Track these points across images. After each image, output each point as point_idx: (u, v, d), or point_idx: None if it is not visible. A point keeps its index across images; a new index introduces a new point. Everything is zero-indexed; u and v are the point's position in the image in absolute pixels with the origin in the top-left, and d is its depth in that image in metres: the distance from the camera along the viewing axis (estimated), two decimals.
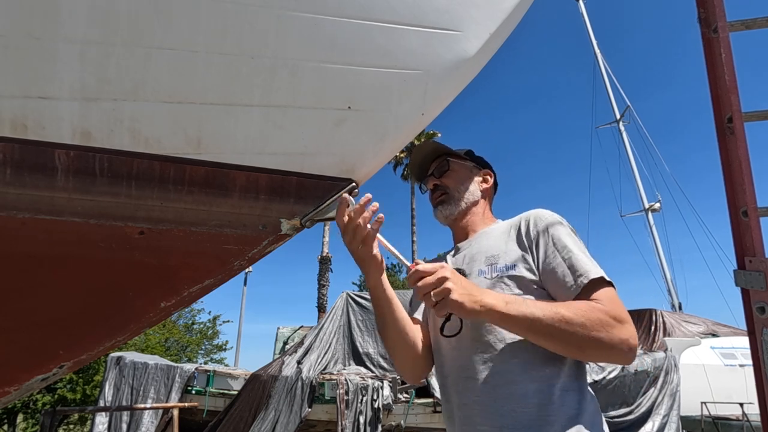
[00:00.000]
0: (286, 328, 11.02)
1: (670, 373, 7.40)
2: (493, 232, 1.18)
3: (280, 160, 0.84)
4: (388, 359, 7.49)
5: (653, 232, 16.51)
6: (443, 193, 1.26)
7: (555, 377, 0.98)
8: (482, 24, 0.87)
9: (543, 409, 0.94)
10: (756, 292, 1.13)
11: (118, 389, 7.22)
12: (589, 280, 0.95)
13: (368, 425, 6.36)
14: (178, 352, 18.79)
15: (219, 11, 0.75)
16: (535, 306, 0.92)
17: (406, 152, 23.27)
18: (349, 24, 0.80)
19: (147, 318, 0.88)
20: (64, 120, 0.74)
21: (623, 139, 17.97)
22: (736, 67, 1.23)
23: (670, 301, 15.19)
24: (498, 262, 1.08)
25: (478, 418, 0.99)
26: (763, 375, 1.11)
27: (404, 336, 1.12)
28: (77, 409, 11.51)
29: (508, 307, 0.90)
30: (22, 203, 0.74)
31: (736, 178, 1.20)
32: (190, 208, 0.82)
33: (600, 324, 0.90)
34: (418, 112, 0.88)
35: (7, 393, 0.84)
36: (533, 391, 0.96)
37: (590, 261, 0.99)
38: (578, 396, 0.98)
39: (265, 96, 0.80)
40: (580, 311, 0.91)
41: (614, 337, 0.90)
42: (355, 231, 0.94)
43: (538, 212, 1.11)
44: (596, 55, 19.07)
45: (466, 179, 1.27)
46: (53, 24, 0.71)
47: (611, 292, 0.96)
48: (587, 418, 0.95)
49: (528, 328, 0.91)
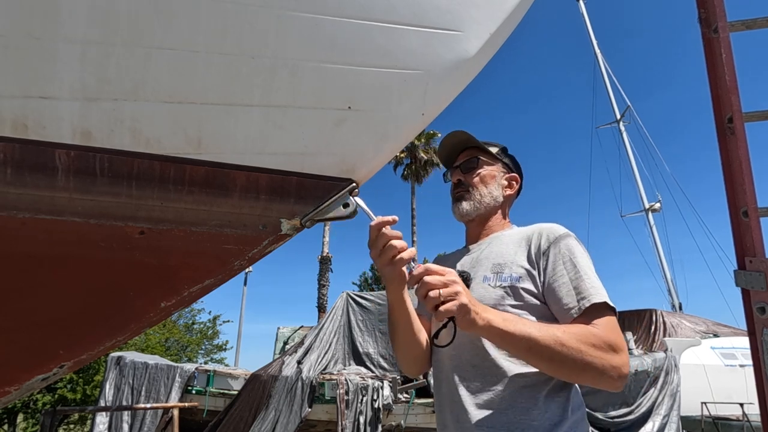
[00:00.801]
0: (286, 328, 11.02)
1: (671, 374, 7.40)
2: (505, 238, 1.17)
3: (281, 160, 0.84)
4: (389, 359, 7.50)
5: (653, 232, 16.51)
6: (465, 190, 1.24)
7: (542, 384, 0.99)
8: (483, 24, 0.87)
9: (527, 414, 0.95)
10: (756, 292, 1.13)
11: (118, 389, 7.23)
12: (591, 304, 0.95)
13: (368, 425, 6.36)
14: (178, 352, 18.79)
15: (219, 11, 0.75)
16: (532, 326, 0.92)
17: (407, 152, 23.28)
18: (350, 24, 0.80)
19: (147, 318, 0.88)
20: (64, 120, 0.74)
21: (623, 139, 17.98)
22: (736, 67, 1.23)
23: (670, 301, 15.20)
24: (504, 271, 1.07)
25: (465, 416, 1.01)
26: (763, 375, 1.11)
27: (411, 337, 1.12)
28: (77, 409, 11.52)
29: (505, 324, 0.90)
30: (22, 203, 0.74)
31: (736, 178, 1.20)
32: (190, 208, 0.82)
33: (594, 349, 0.90)
34: (418, 112, 0.88)
35: (7, 393, 0.84)
36: (520, 397, 0.97)
37: (596, 283, 0.99)
38: (564, 404, 0.98)
39: (266, 96, 0.80)
40: (575, 335, 0.91)
41: (606, 364, 0.90)
42: (385, 249, 0.92)
43: (552, 227, 1.10)
44: (596, 55, 19.08)
45: (491, 181, 1.24)
46: (53, 24, 0.71)
47: (611, 320, 0.96)
48: (570, 426, 0.96)
49: (523, 347, 0.91)
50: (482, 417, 0.98)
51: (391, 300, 1.05)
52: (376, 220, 0.91)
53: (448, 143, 1.30)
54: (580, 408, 1.01)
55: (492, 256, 1.13)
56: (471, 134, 1.26)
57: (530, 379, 0.98)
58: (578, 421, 0.99)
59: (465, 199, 1.23)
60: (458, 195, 1.25)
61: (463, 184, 1.25)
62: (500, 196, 1.25)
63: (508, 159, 1.30)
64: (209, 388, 7.12)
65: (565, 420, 0.96)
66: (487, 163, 1.26)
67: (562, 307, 0.99)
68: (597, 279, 1.00)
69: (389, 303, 1.07)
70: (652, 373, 7.29)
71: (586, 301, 0.96)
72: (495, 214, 1.25)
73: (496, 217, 1.25)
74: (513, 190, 1.28)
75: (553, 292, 1.01)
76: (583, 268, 1.00)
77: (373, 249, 0.93)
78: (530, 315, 1.01)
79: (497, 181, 1.25)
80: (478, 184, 1.23)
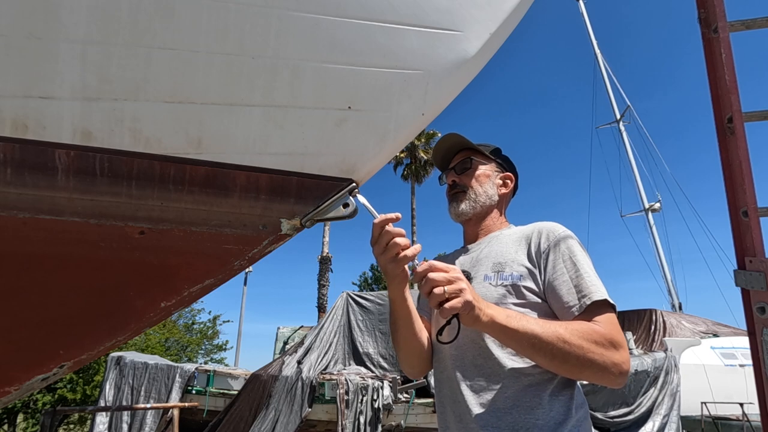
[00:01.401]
0: (286, 328, 11.01)
1: (671, 373, 7.40)
2: (504, 237, 1.17)
3: (281, 160, 0.84)
4: (389, 359, 7.50)
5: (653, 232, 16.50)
6: (461, 191, 1.25)
7: (546, 383, 0.99)
8: (483, 24, 0.87)
9: (531, 413, 0.96)
10: (756, 292, 1.13)
11: (118, 389, 7.22)
12: (592, 301, 0.96)
13: (368, 425, 6.36)
14: (178, 352, 18.79)
15: (220, 11, 0.75)
16: (535, 323, 0.93)
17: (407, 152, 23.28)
18: (350, 24, 0.80)
19: (147, 318, 0.88)
20: (64, 120, 0.74)
21: (623, 139, 17.97)
22: (736, 67, 1.23)
23: (670, 301, 15.19)
24: (504, 270, 1.08)
25: (468, 416, 1.01)
26: (763, 375, 1.11)
27: (412, 336, 1.13)
28: (77, 409, 11.52)
29: (509, 321, 0.91)
30: (22, 203, 0.74)
31: (736, 178, 1.20)
32: (190, 208, 0.82)
33: (596, 346, 0.91)
34: (418, 112, 0.88)
35: (7, 393, 0.84)
36: (524, 396, 0.97)
37: (596, 281, 1.00)
38: (567, 402, 0.98)
39: (266, 96, 0.80)
40: (578, 332, 0.92)
41: (607, 360, 0.91)
42: (388, 247, 0.92)
43: (551, 226, 1.11)
44: (596, 55, 19.07)
45: (486, 180, 1.26)
46: (55, 24, 0.71)
47: (611, 317, 0.97)
48: (574, 425, 0.96)
49: (525, 343, 0.91)
50: (486, 417, 0.98)
51: (392, 297, 1.06)
52: (379, 218, 0.91)
53: (442, 147, 1.32)
54: (583, 406, 1.02)
55: (492, 255, 1.13)
56: (464, 136, 1.28)
57: (534, 378, 0.98)
58: (582, 419, 0.99)
59: (461, 199, 1.25)
60: (454, 196, 1.26)
61: (459, 185, 1.26)
62: (495, 194, 1.26)
63: (501, 159, 1.32)
64: (209, 388, 7.12)
65: (569, 418, 0.96)
66: (480, 163, 1.28)
67: (564, 306, 0.99)
68: (596, 277, 1.01)
69: (391, 301, 1.07)
70: (652, 372, 7.29)
71: (587, 299, 0.96)
72: (491, 213, 1.26)
73: (492, 216, 1.26)
74: (508, 188, 1.30)
75: (554, 290, 1.01)
76: (583, 267, 1.01)
77: (376, 246, 0.93)
78: (532, 313, 1.02)
79: (492, 180, 1.27)
80: (473, 183, 1.25)
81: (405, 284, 1.04)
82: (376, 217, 0.91)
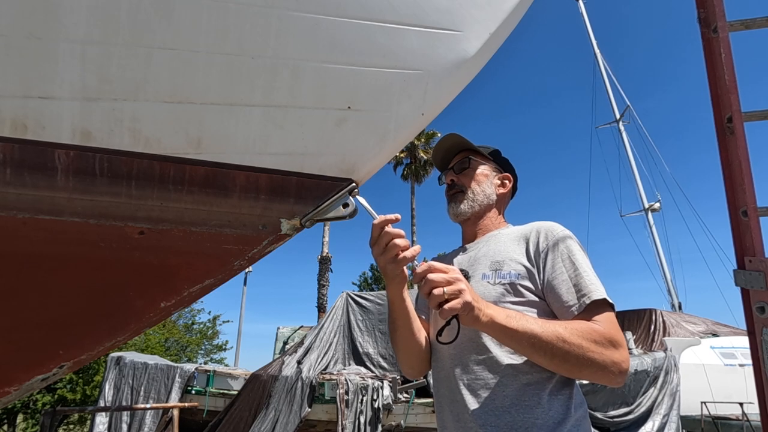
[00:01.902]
0: (286, 328, 11.01)
1: (670, 373, 7.40)
2: (503, 237, 1.17)
3: (281, 160, 0.84)
4: (389, 359, 7.50)
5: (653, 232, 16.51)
6: (459, 191, 1.26)
7: (545, 382, 0.99)
8: (483, 24, 0.87)
9: (530, 412, 0.96)
10: (756, 292, 1.13)
11: (118, 389, 7.22)
12: (591, 301, 0.96)
13: (368, 425, 6.36)
14: (178, 352, 18.79)
15: (220, 11, 0.75)
16: (534, 323, 0.93)
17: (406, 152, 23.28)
18: (350, 24, 0.80)
19: (147, 318, 0.88)
20: (64, 120, 0.74)
21: (623, 139, 17.97)
22: (735, 66, 1.23)
23: (670, 301, 15.19)
24: (502, 269, 1.08)
25: (466, 416, 1.01)
26: (763, 375, 1.11)
27: (411, 336, 1.13)
28: (77, 409, 11.51)
29: (508, 320, 0.91)
30: (22, 203, 0.74)
31: (735, 178, 1.20)
32: (190, 208, 0.82)
33: (595, 345, 0.91)
34: (418, 112, 0.88)
35: (7, 393, 0.84)
36: (523, 395, 0.97)
37: (595, 281, 1.00)
38: (566, 402, 0.99)
39: (266, 96, 0.80)
40: (577, 331, 0.92)
41: (607, 359, 0.91)
42: (388, 248, 0.92)
43: (550, 225, 1.11)
44: (596, 55, 19.07)
45: (484, 180, 1.27)
46: (54, 24, 0.71)
47: (610, 316, 0.97)
48: (573, 424, 0.96)
49: (525, 343, 0.92)
50: (485, 416, 0.98)
51: (391, 298, 1.06)
52: (378, 219, 0.91)
53: (441, 147, 1.33)
54: (582, 405, 1.02)
55: (490, 254, 1.14)
56: (464, 137, 1.29)
57: (533, 377, 0.98)
58: (581, 418, 0.99)
59: (459, 199, 1.25)
60: (453, 196, 1.27)
61: (457, 185, 1.27)
62: (493, 194, 1.27)
63: (500, 160, 1.33)
64: (209, 388, 7.12)
65: (568, 417, 0.96)
66: (479, 163, 1.29)
67: (563, 305, 0.99)
68: (595, 276, 1.01)
69: (389, 301, 1.08)
70: (652, 372, 7.29)
71: (587, 298, 0.97)
72: (489, 213, 1.26)
73: (490, 216, 1.26)
74: (506, 189, 1.30)
75: (553, 289, 1.02)
76: (581, 266, 1.01)
77: (376, 247, 0.93)
78: (531, 310, 1.02)
79: (490, 180, 1.28)
80: (471, 183, 1.26)
81: (404, 285, 1.04)
82: (376, 218, 0.91)
